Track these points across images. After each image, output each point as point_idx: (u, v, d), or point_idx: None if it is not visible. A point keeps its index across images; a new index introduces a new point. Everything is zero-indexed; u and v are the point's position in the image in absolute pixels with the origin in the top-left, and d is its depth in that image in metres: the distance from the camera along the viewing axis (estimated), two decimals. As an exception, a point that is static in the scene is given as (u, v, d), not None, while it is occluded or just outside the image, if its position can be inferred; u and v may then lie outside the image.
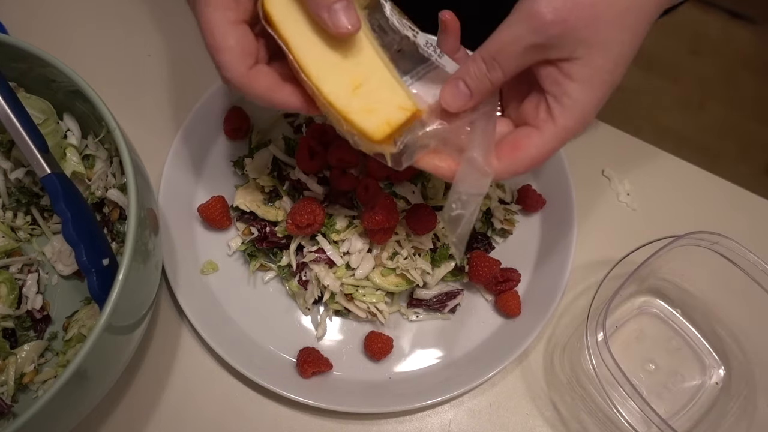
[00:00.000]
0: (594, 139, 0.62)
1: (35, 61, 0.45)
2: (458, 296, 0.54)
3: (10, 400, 0.47)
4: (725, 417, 0.50)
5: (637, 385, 0.43)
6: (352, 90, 0.35)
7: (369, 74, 0.35)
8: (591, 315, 0.47)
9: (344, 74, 0.35)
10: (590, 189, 0.60)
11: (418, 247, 0.52)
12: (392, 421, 0.51)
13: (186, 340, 0.52)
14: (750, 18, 1.79)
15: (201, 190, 0.57)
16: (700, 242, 0.49)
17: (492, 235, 0.57)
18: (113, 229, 0.52)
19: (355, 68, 0.36)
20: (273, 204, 0.54)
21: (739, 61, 1.74)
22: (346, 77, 0.35)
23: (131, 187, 0.41)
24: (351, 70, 0.36)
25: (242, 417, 0.50)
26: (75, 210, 0.43)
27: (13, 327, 0.49)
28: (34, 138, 0.44)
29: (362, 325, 0.54)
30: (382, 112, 0.35)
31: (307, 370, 0.49)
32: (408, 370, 0.52)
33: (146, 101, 0.62)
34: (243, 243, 0.54)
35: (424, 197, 0.54)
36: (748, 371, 0.51)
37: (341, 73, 0.35)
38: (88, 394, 0.41)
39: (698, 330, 0.54)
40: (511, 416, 0.51)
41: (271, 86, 0.36)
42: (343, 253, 0.51)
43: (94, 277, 0.42)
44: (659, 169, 0.62)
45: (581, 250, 0.56)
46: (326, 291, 0.51)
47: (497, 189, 0.58)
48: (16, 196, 0.52)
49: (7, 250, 0.52)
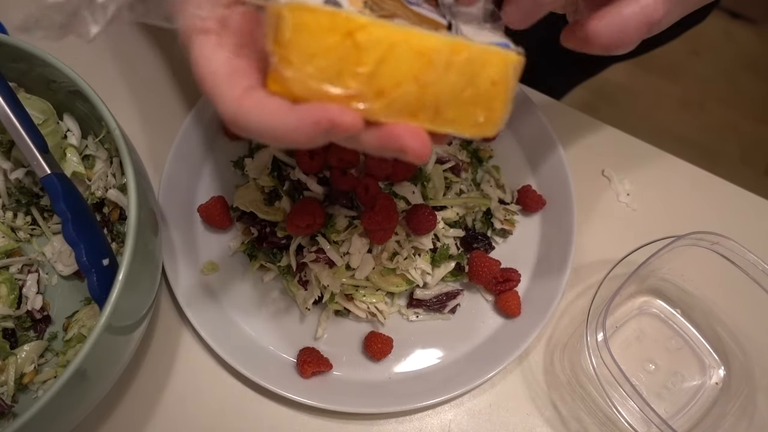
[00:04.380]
0: (594, 139, 0.62)
1: (35, 61, 0.45)
2: (458, 296, 0.54)
3: (10, 400, 0.47)
4: (725, 417, 0.50)
5: (637, 385, 0.43)
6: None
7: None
8: (591, 315, 0.47)
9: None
10: (590, 189, 0.60)
11: (418, 247, 0.52)
12: (392, 421, 0.51)
13: (186, 340, 0.52)
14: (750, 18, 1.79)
15: (201, 190, 0.57)
16: (700, 242, 0.49)
17: (492, 235, 0.57)
18: (113, 229, 0.52)
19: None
20: (273, 204, 0.54)
21: (739, 61, 1.74)
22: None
23: (131, 187, 0.41)
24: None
25: (242, 417, 0.50)
26: (75, 210, 0.43)
27: (13, 327, 0.49)
28: (34, 138, 0.44)
29: (362, 325, 0.54)
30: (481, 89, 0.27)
31: (307, 370, 0.49)
32: (408, 370, 0.52)
33: (146, 101, 0.62)
34: (243, 243, 0.54)
35: (424, 197, 0.54)
36: (748, 371, 0.51)
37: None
38: (88, 394, 0.41)
39: (698, 330, 0.54)
40: (511, 416, 0.51)
41: (280, 106, 0.25)
42: (343, 253, 0.51)
43: (94, 277, 0.42)
44: (659, 169, 0.62)
45: (581, 250, 0.56)
46: (326, 291, 0.51)
47: (497, 189, 0.58)
48: (16, 196, 0.52)
49: (7, 250, 0.52)
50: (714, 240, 0.49)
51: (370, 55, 0.25)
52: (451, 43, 0.26)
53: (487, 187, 0.57)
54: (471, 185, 0.57)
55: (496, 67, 0.27)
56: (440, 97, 0.26)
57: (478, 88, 0.27)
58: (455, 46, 0.26)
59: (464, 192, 0.56)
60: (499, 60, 0.27)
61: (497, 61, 0.27)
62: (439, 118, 0.27)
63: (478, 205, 0.55)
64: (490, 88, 0.27)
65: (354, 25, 0.24)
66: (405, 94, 0.26)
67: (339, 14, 0.24)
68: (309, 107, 0.25)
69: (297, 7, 0.24)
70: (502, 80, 0.27)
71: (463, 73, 0.26)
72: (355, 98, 0.25)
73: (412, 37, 0.25)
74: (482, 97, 0.27)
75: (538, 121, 0.58)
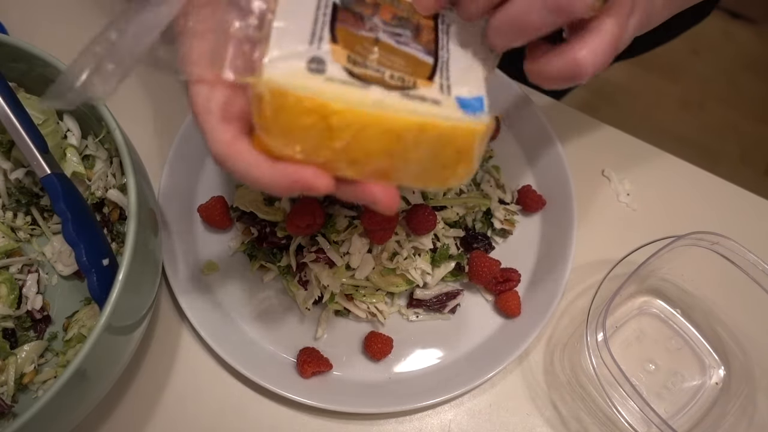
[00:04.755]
0: (594, 139, 0.62)
1: (35, 61, 0.45)
2: (458, 296, 0.54)
3: (10, 400, 0.47)
4: (725, 417, 0.50)
5: (637, 385, 0.43)
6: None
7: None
8: (591, 315, 0.47)
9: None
10: (590, 189, 0.60)
11: (418, 247, 0.52)
12: (392, 421, 0.51)
13: (186, 340, 0.52)
14: (750, 18, 1.79)
15: (201, 190, 0.57)
16: (700, 242, 0.49)
17: (492, 235, 0.57)
18: (113, 229, 0.52)
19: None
20: (273, 204, 0.54)
21: (739, 61, 1.74)
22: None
23: (131, 187, 0.41)
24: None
25: (242, 417, 0.50)
26: (75, 210, 0.43)
27: (13, 327, 0.49)
28: (34, 138, 0.44)
29: (362, 325, 0.54)
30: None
31: (307, 370, 0.49)
32: (408, 370, 0.52)
33: (146, 101, 0.62)
34: (243, 243, 0.54)
35: (424, 197, 0.54)
36: (748, 371, 0.51)
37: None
38: (88, 394, 0.41)
39: (698, 330, 0.54)
40: (511, 416, 0.51)
41: (268, 160, 0.29)
42: (343, 253, 0.51)
43: (94, 277, 0.42)
44: (659, 169, 0.62)
45: (581, 250, 0.56)
46: (326, 291, 0.51)
47: (497, 189, 0.58)
48: (16, 196, 0.52)
49: (7, 250, 0.52)
50: (714, 240, 0.49)
51: (343, 135, 0.27)
52: (421, 123, 0.28)
53: (487, 187, 0.57)
54: (471, 185, 0.57)
55: (462, 139, 0.29)
56: (409, 164, 0.29)
57: (445, 158, 0.29)
58: (424, 125, 0.28)
59: (464, 192, 0.56)
60: (465, 133, 0.29)
61: (464, 134, 0.29)
62: (407, 177, 0.30)
63: (478, 205, 0.55)
64: (456, 156, 0.29)
65: (328, 111, 0.26)
66: (376, 163, 0.28)
67: (314, 100, 0.26)
68: (287, 168, 0.28)
69: (277, 91, 0.26)
70: (468, 149, 0.29)
71: (431, 148, 0.29)
72: (330, 165, 0.28)
73: (383, 120, 0.27)
74: (449, 163, 0.30)
75: (538, 121, 0.58)
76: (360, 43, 0.30)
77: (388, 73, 0.30)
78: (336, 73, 0.28)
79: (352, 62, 0.29)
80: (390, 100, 0.28)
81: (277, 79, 0.27)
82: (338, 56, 0.29)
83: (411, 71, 0.30)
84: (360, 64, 0.29)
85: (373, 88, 0.28)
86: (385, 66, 0.30)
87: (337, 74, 0.28)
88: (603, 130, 0.63)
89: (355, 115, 0.27)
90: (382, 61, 0.30)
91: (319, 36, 0.29)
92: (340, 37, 0.29)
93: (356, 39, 0.30)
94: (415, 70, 0.30)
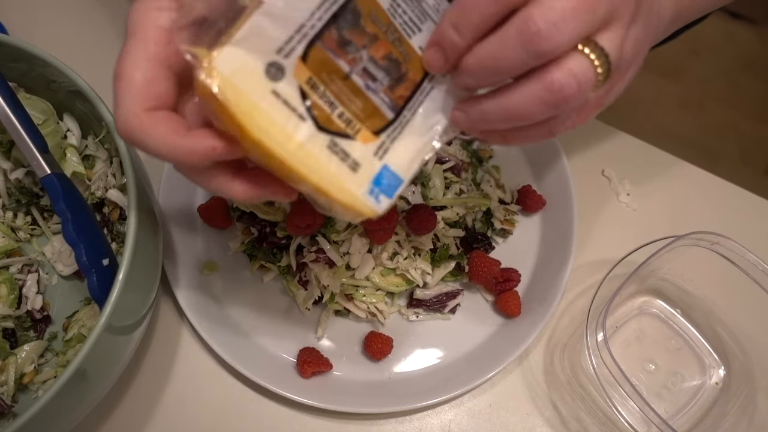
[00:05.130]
0: (594, 139, 0.62)
1: (35, 61, 0.45)
2: (458, 296, 0.54)
3: (10, 400, 0.47)
4: (725, 417, 0.50)
5: (637, 385, 0.43)
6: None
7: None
8: (591, 315, 0.47)
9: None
10: (590, 189, 0.60)
11: (418, 247, 0.52)
12: (392, 421, 0.51)
13: (186, 340, 0.52)
14: (750, 18, 1.79)
15: (201, 190, 0.57)
16: (700, 242, 0.49)
17: (492, 235, 0.57)
18: (113, 229, 0.52)
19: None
20: (273, 204, 0.54)
21: (739, 61, 1.74)
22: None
23: (131, 187, 0.41)
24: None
25: (242, 417, 0.50)
26: (75, 210, 0.43)
27: (13, 327, 0.49)
28: (34, 138, 0.44)
29: (362, 325, 0.54)
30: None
31: (307, 370, 0.49)
32: (408, 370, 0.52)
33: (146, 101, 0.62)
34: (243, 243, 0.54)
35: (424, 197, 0.54)
36: (748, 371, 0.51)
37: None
38: (88, 394, 0.41)
39: (698, 330, 0.54)
40: (511, 416, 0.51)
41: (176, 129, 0.28)
42: (343, 253, 0.51)
43: (94, 277, 0.42)
44: (659, 169, 0.62)
45: (581, 250, 0.56)
46: (326, 291, 0.51)
47: (497, 189, 0.58)
48: (16, 196, 0.52)
49: (7, 250, 0.52)
50: (714, 240, 0.49)
51: (250, 149, 0.28)
52: (318, 186, 0.29)
53: (487, 187, 0.57)
54: (471, 185, 0.57)
55: (351, 213, 0.30)
56: (306, 192, 0.30)
57: (334, 211, 0.31)
58: (319, 188, 0.29)
59: (464, 192, 0.56)
60: (354, 210, 0.30)
61: (353, 210, 0.30)
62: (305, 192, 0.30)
63: (478, 205, 0.55)
64: (343, 213, 0.30)
65: (244, 133, 0.27)
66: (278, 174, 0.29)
67: (235, 117, 0.26)
68: (207, 133, 0.28)
69: (215, 78, 0.26)
70: (354, 217, 0.31)
71: (324, 200, 0.30)
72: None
73: (288, 165, 0.28)
74: (337, 214, 0.31)
75: (538, 121, 0.58)
76: (329, 71, 0.29)
77: (338, 110, 0.29)
78: (287, 90, 0.28)
79: (310, 85, 0.28)
80: (311, 147, 0.28)
81: (223, 68, 0.26)
82: (300, 74, 0.28)
83: (363, 118, 0.30)
84: (317, 90, 0.28)
85: (306, 125, 0.28)
86: (340, 102, 0.29)
87: (287, 91, 0.28)
88: (603, 130, 0.63)
89: (264, 148, 0.27)
90: (340, 97, 0.29)
91: (292, 47, 0.28)
92: (312, 57, 0.28)
93: (328, 66, 0.29)
94: (368, 119, 0.30)
